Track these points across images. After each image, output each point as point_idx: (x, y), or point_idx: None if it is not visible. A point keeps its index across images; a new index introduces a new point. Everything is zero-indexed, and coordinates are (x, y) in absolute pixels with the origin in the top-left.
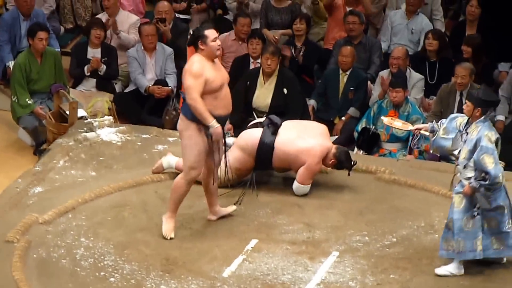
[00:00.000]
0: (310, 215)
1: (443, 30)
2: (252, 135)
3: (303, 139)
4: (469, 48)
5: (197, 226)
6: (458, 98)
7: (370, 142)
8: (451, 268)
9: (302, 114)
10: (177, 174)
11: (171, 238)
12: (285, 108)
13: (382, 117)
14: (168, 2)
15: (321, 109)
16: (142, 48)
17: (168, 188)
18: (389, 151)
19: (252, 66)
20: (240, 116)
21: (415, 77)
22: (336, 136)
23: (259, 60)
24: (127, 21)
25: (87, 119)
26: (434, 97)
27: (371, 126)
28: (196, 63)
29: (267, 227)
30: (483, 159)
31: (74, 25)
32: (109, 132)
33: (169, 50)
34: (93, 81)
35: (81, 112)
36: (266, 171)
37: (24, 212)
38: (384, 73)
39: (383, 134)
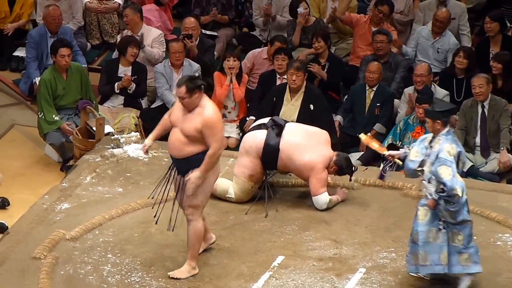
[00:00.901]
0: (337, 232)
1: (469, 45)
2: (256, 137)
3: (306, 151)
4: (499, 64)
5: (224, 243)
6: (480, 110)
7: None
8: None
9: (328, 130)
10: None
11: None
12: (312, 124)
13: (361, 135)
14: (194, 18)
15: (347, 125)
16: (170, 64)
17: None
18: None
19: (278, 82)
20: None
21: (440, 93)
22: (362, 152)
23: (285, 76)
24: (151, 35)
25: (113, 135)
26: None
27: (397, 142)
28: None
29: (294, 243)
30: (440, 171)
31: (100, 41)
32: (135, 148)
33: (196, 66)
34: (121, 98)
35: (108, 128)
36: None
37: (51, 228)
38: (409, 90)
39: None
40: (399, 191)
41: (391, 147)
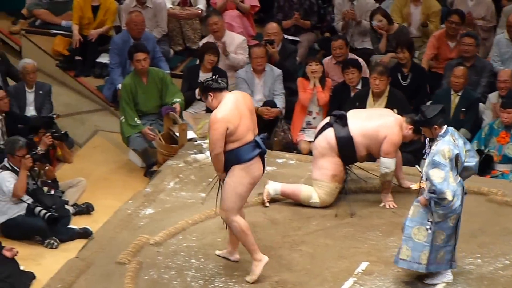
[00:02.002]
0: None
1: None
2: (326, 137)
3: (374, 119)
4: None
5: (307, 248)
6: None
7: (482, 164)
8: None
9: None
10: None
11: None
12: None
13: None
14: (277, 24)
15: None
16: (251, 69)
17: (277, 209)
18: (501, 172)
19: (352, 94)
20: None
21: None
22: None
23: (359, 86)
24: (234, 42)
25: (196, 141)
26: None
27: (482, 147)
28: None
29: (378, 249)
30: (431, 173)
31: (183, 48)
32: None
33: (278, 71)
34: (203, 104)
35: (190, 134)
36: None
37: (135, 233)
38: (493, 96)
39: (495, 155)
40: (484, 196)
41: (478, 152)
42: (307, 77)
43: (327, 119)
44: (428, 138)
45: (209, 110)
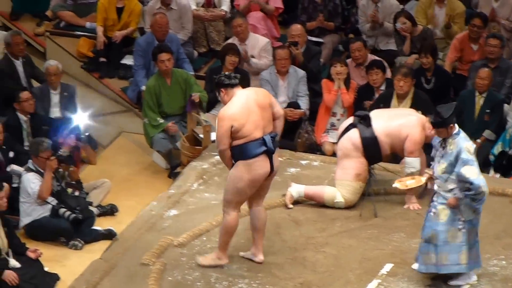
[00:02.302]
0: None
1: None
2: (351, 138)
3: (397, 118)
4: None
5: (331, 250)
6: None
7: (507, 165)
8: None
9: None
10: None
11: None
12: None
13: (395, 184)
14: (301, 25)
15: None
16: (275, 71)
17: (301, 211)
18: None
19: (376, 95)
20: None
21: None
22: None
23: (382, 88)
24: (258, 45)
25: None
26: None
27: (507, 149)
28: None
29: (402, 251)
30: (464, 171)
31: (207, 49)
32: None
33: (301, 72)
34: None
35: (214, 136)
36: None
37: (159, 234)
38: None
39: None
40: (508, 197)
41: (501, 154)
42: (332, 78)
43: (350, 120)
44: (439, 139)
45: None
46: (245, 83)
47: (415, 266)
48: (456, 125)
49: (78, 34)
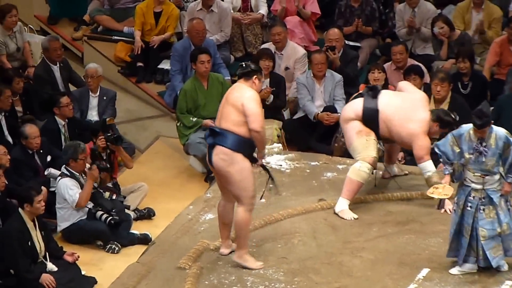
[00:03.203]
0: None
1: None
2: (354, 104)
3: (405, 116)
4: None
5: (367, 255)
6: None
7: None
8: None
9: None
10: None
11: (261, 265)
12: None
13: (429, 193)
14: (338, 30)
15: None
16: (312, 75)
17: (337, 215)
18: None
19: None
20: None
21: None
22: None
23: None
24: (294, 54)
25: None
26: None
27: None
28: (253, 91)
29: (439, 256)
30: None
31: (244, 53)
32: (278, 159)
33: (338, 76)
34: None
35: None
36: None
37: (196, 238)
38: None
39: None
40: None
41: None
42: (369, 83)
43: (361, 90)
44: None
45: (269, 116)
46: (280, 89)
47: (454, 271)
48: None
49: (115, 39)
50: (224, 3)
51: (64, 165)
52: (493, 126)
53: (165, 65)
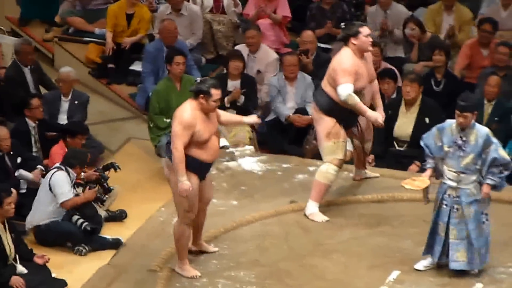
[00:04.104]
0: None
1: None
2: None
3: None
4: None
5: (339, 257)
6: None
7: None
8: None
9: None
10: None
11: (199, 276)
12: None
13: (403, 183)
14: (312, 32)
15: None
16: (283, 77)
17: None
18: None
19: (386, 101)
20: (382, 146)
21: None
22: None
23: (394, 96)
24: (266, 58)
25: (228, 149)
26: None
27: None
28: (189, 111)
29: (411, 259)
30: (502, 153)
31: (215, 55)
32: (250, 162)
33: (309, 78)
34: (233, 112)
35: (223, 142)
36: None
37: (168, 241)
38: None
39: None
40: None
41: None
42: None
43: None
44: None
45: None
46: (251, 90)
47: (419, 266)
48: None
49: (86, 40)
50: (194, 6)
51: (64, 164)
52: (476, 123)
53: (136, 66)
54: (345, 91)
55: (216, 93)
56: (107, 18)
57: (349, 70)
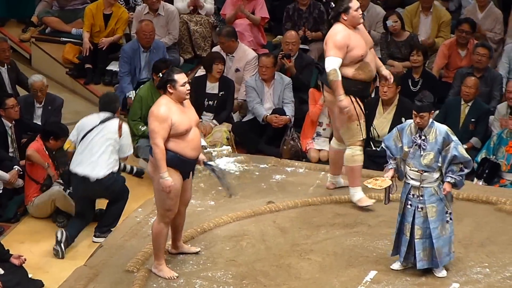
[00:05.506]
0: None
1: None
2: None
3: None
4: None
5: (315, 257)
6: None
7: (491, 173)
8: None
9: None
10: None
11: (177, 277)
12: None
13: (366, 183)
14: (295, 32)
15: None
16: (260, 77)
17: (287, 217)
18: (510, 181)
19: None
20: None
21: None
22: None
23: (372, 96)
24: (245, 57)
25: (206, 149)
26: None
27: (491, 157)
28: (163, 106)
29: (386, 258)
30: (462, 151)
31: (193, 55)
32: (227, 162)
33: (287, 79)
34: (210, 115)
35: (200, 142)
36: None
37: (144, 241)
38: (501, 107)
39: (503, 164)
40: (492, 205)
41: (485, 161)
42: (319, 88)
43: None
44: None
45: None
46: (229, 92)
47: (395, 266)
48: None
49: (63, 40)
50: (170, 6)
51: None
52: (434, 121)
53: (113, 66)
54: (331, 64)
55: (180, 76)
56: (85, 18)
57: (338, 44)
